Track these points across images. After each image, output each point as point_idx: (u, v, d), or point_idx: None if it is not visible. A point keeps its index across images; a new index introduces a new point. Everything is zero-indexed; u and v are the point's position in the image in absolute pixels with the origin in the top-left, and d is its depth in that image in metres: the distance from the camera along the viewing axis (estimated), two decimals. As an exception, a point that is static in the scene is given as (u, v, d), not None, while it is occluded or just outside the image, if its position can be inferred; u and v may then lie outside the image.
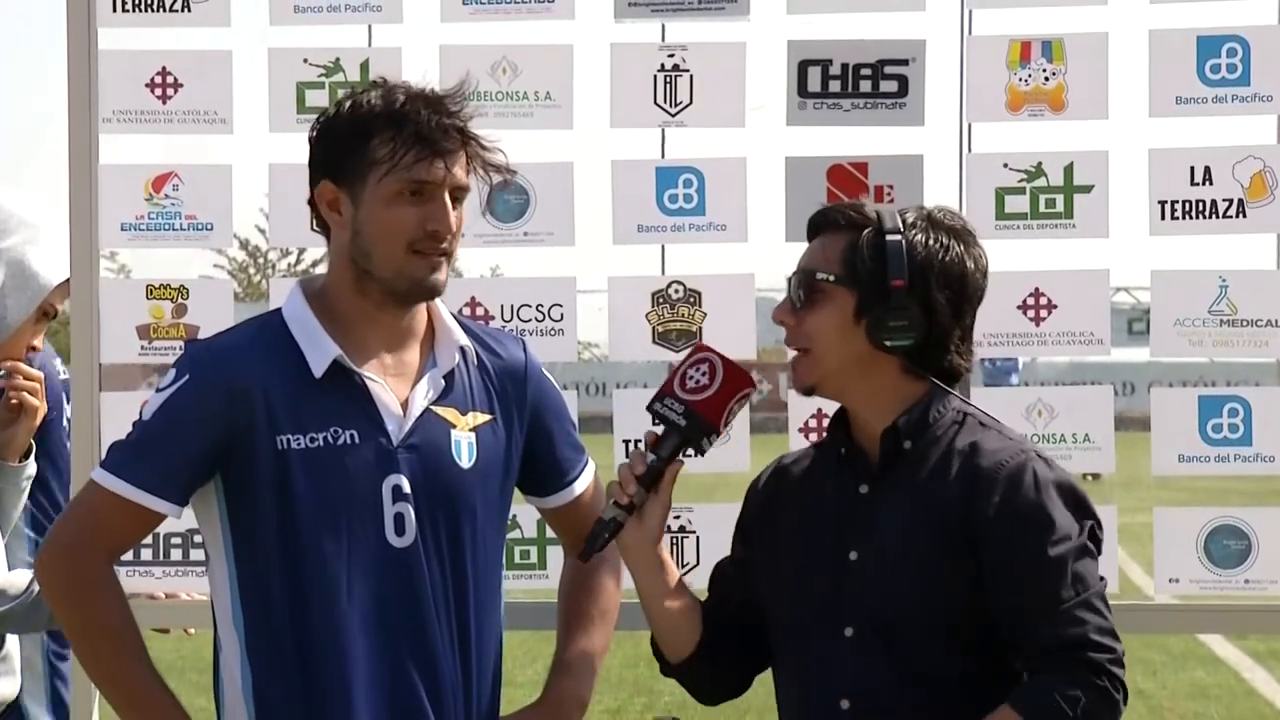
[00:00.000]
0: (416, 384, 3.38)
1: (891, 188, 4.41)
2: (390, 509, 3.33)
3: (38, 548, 4.07)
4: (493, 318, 4.48)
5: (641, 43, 4.48)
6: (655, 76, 4.46)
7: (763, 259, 4.67)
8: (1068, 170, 4.39)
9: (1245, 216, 4.36)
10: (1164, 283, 4.44)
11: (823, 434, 3.71)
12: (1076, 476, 3.39)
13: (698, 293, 4.50)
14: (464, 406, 3.41)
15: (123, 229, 4.55)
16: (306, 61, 4.52)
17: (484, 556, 3.41)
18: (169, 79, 4.53)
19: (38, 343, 4.26)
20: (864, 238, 3.30)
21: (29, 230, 4.22)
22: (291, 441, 3.30)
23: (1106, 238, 4.40)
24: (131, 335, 4.56)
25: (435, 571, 3.35)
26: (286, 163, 4.51)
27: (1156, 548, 4.48)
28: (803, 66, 4.44)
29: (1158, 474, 4.51)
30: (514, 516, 3.33)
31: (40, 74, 78.94)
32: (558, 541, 3.77)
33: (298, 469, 3.29)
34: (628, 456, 4.46)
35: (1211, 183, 4.36)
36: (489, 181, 3.43)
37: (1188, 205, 4.38)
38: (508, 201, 4.48)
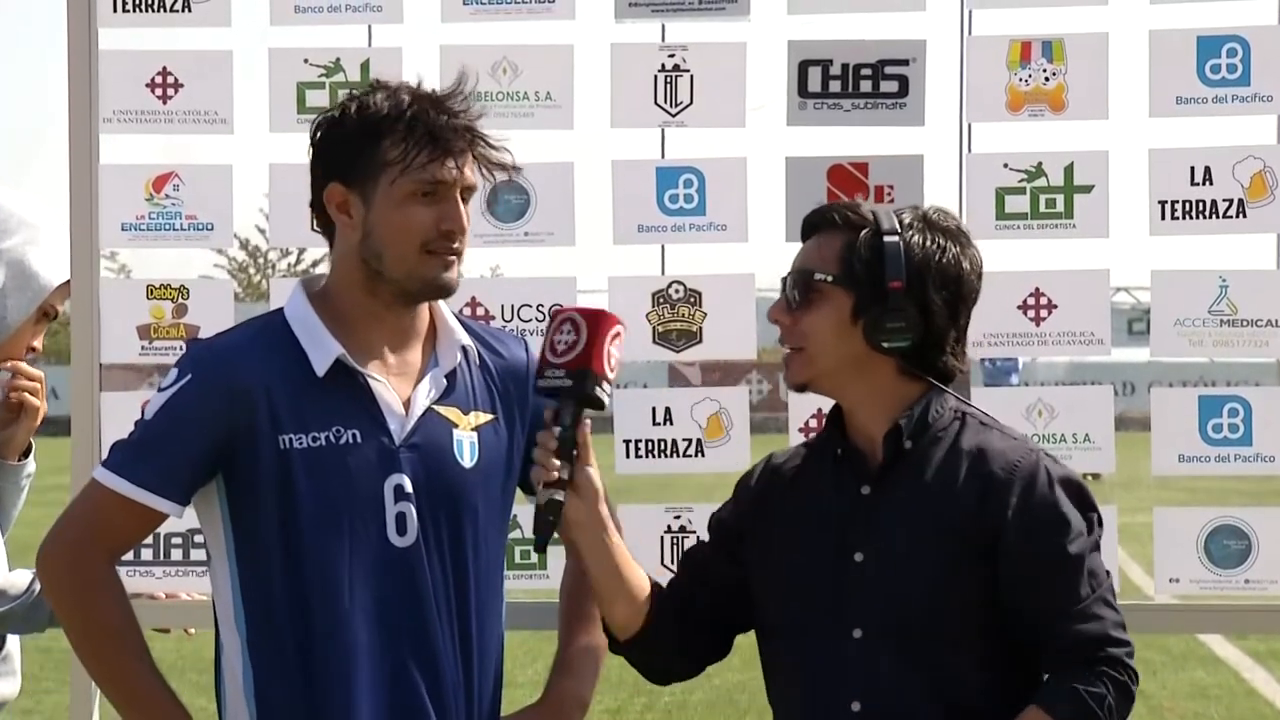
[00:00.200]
0: (419, 383, 3.38)
1: (892, 188, 4.41)
2: (392, 508, 3.33)
3: None
4: (493, 318, 4.48)
5: (642, 43, 4.48)
6: (655, 76, 4.46)
7: (763, 259, 4.66)
8: (1068, 170, 4.39)
9: (1245, 216, 4.36)
10: (1164, 283, 4.44)
11: (823, 433, 3.69)
12: (1077, 472, 3.40)
13: (698, 293, 4.50)
14: (466, 406, 3.41)
15: (123, 229, 4.55)
16: (307, 62, 4.52)
17: (486, 556, 3.41)
18: (169, 79, 4.53)
19: (38, 343, 4.26)
20: (862, 238, 3.30)
21: (29, 231, 4.21)
22: (293, 441, 3.30)
23: (1106, 238, 4.40)
24: (132, 335, 4.56)
25: (437, 571, 3.35)
26: (287, 163, 4.51)
27: (1156, 548, 4.48)
28: (803, 66, 4.44)
29: (1158, 474, 4.51)
30: (515, 516, 3.32)
31: (41, 74, 79.10)
32: (558, 541, 3.76)
33: (299, 468, 3.29)
34: (628, 456, 4.51)
35: (1211, 183, 4.36)
36: (493, 180, 3.43)
37: (1188, 205, 4.37)
38: (508, 201, 4.48)
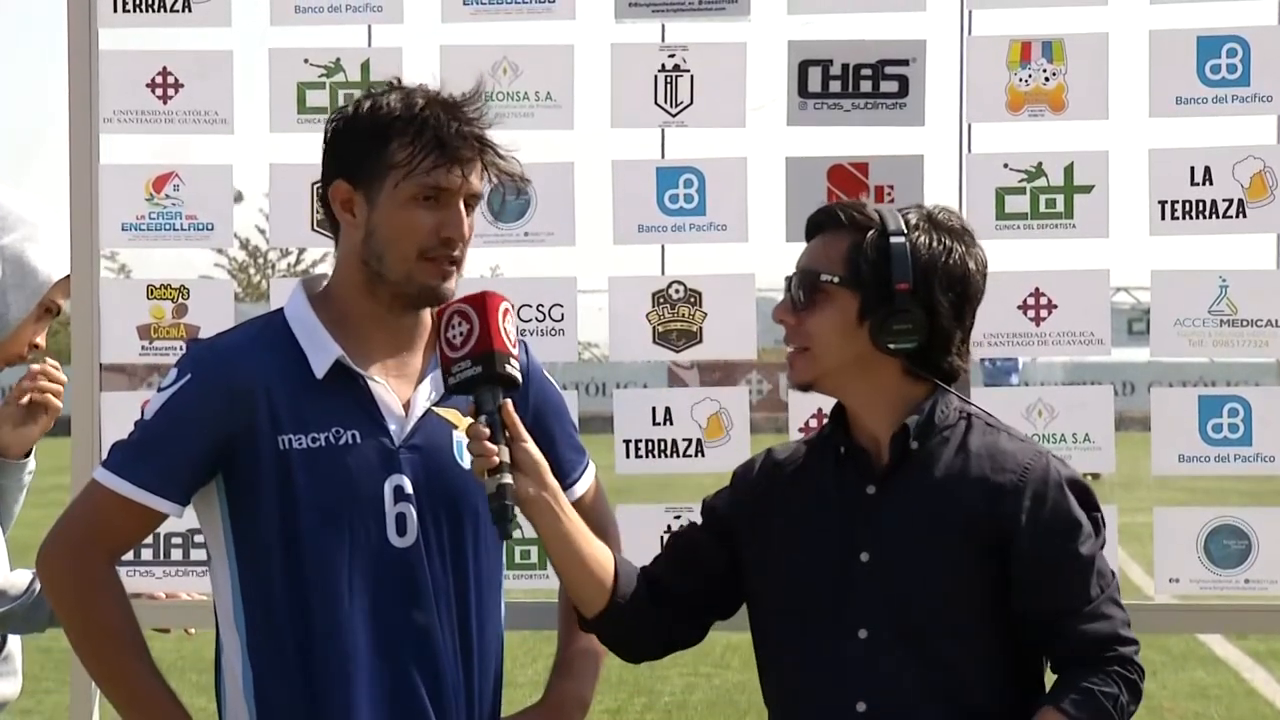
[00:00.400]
0: (419, 385, 3.38)
1: (892, 188, 4.41)
2: (392, 509, 3.33)
3: None
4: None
5: (642, 43, 4.48)
6: (656, 77, 4.46)
7: (763, 259, 4.67)
8: (1068, 170, 4.39)
9: (1245, 216, 4.36)
10: (1164, 283, 4.44)
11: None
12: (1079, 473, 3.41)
13: (698, 293, 4.50)
14: (466, 408, 3.40)
15: (123, 229, 4.55)
16: (307, 62, 4.51)
17: (485, 557, 3.41)
18: (169, 79, 4.53)
19: (40, 340, 4.25)
20: (868, 240, 3.29)
21: (28, 227, 4.21)
22: (293, 441, 3.30)
23: (1106, 238, 4.40)
24: (132, 335, 4.56)
25: (437, 572, 3.35)
26: (287, 163, 4.53)
27: (1156, 548, 4.48)
28: (803, 66, 4.44)
29: (1158, 474, 4.51)
30: (517, 518, 3.32)
31: (41, 74, 79.01)
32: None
33: (299, 469, 3.29)
34: (628, 457, 4.51)
35: (1211, 183, 4.36)
36: (502, 188, 3.42)
37: (1188, 205, 4.38)
38: (508, 202, 4.48)
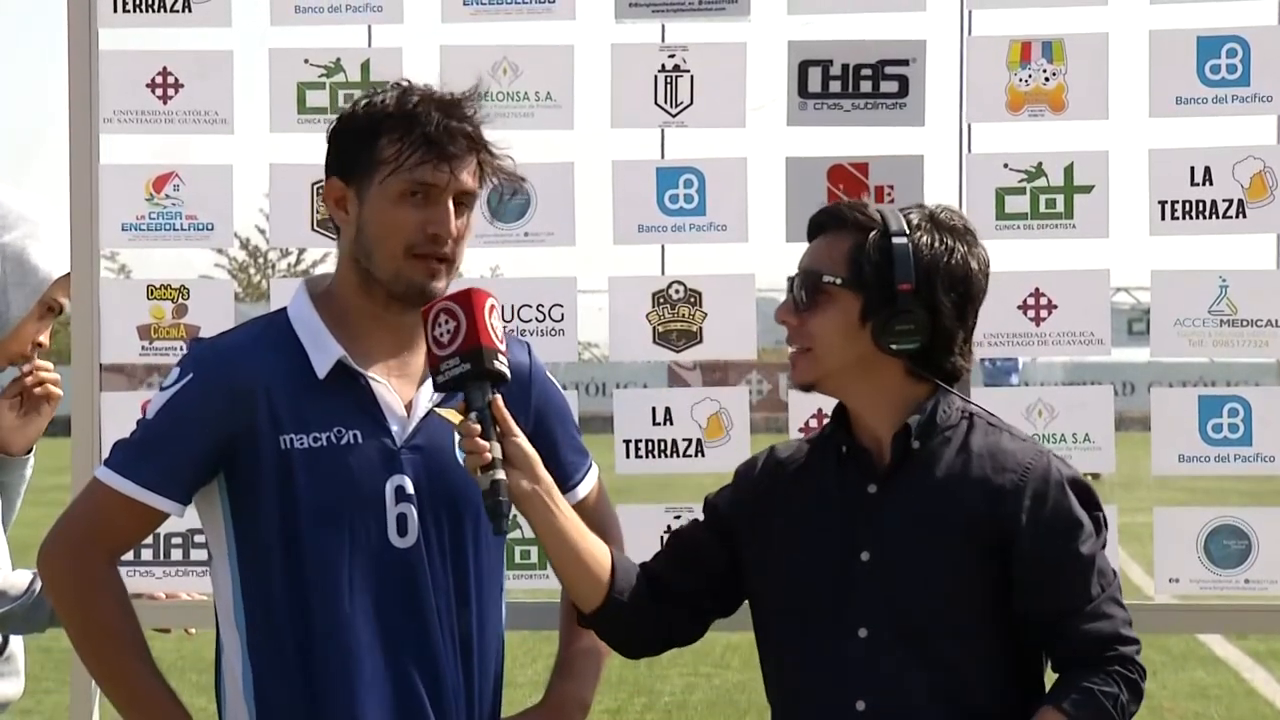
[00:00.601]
0: (421, 385, 3.37)
1: (892, 188, 4.41)
2: (393, 509, 3.33)
3: None
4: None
5: (642, 43, 4.48)
6: (656, 77, 4.46)
7: (763, 259, 4.67)
8: (1068, 170, 4.39)
9: (1245, 217, 4.36)
10: (1164, 283, 4.45)
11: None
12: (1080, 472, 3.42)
13: (698, 293, 4.50)
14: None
15: (123, 229, 4.55)
16: (307, 62, 4.51)
17: (486, 558, 3.41)
18: (170, 79, 4.53)
19: (44, 339, 4.26)
20: (870, 240, 3.28)
21: (29, 225, 4.21)
22: (294, 441, 3.30)
23: (1106, 238, 4.41)
24: (132, 335, 4.56)
25: (438, 572, 3.35)
26: (287, 163, 4.53)
27: (1156, 548, 4.48)
28: (803, 67, 4.44)
29: (1158, 474, 4.51)
30: (515, 517, 3.32)
31: (41, 74, 78.99)
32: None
33: (300, 469, 3.29)
34: (628, 457, 4.51)
35: (1211, 183, 4.36)
36: (499, 188, 3.42)
37: (1188, 205, 4.38)
38: (508, 202, 4.48)
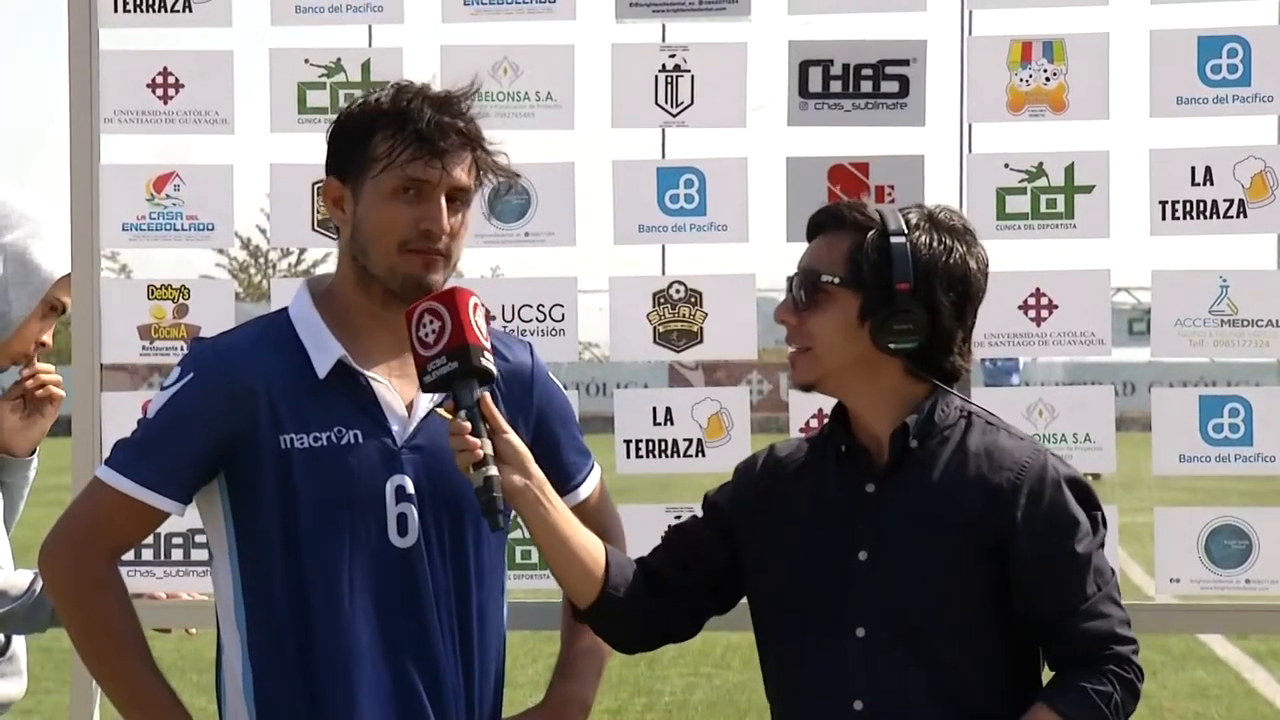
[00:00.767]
0: (421, 385, 3.38)
1: (892, 188, 4.41)
2: (393, 509, 3.32)
3: None
4: (493, 318, 4.46)
5: (642, 43, 4.48)
6: (656, 77, 4.46)
7: (764, 259, 4.67)
8: (1068, 170, 4.39)
9: (1246, 217, 4.37)
10: (1165, 283, 4.45)
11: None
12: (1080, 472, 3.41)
13: (699, 293, 4.50)
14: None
15: (124, 229, 4.55)
16: (308, 62, 4.52)
17: (487, 558, 3.41)
18: (170, 79, 4.54)
19: (47, 339, 4.26)
20: (869, 240, 3.29)
21: (31, 224, 4.22)
22: (295, 441, 3.30)
23: (1107, 238, 4.41)
24: (133, 335, 4.57)
25: (438, 572, 3.34)
26: (288, 163, 4.53)
27: (1157, 548, 4.48)
28: (804, 67, 4.44)
29: (1158, 474, 4.51)
30: (514, 517, 3.32)
31: (41, 74, 78.93)
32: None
33: (301, 468, 3.29)
34: (629, 457, 4.51)
35: (1212, 183, 4.37)
36: (494, 184, 3.42)
37: (1188, 205, 4.38)
38: (509, 202, 4.48)
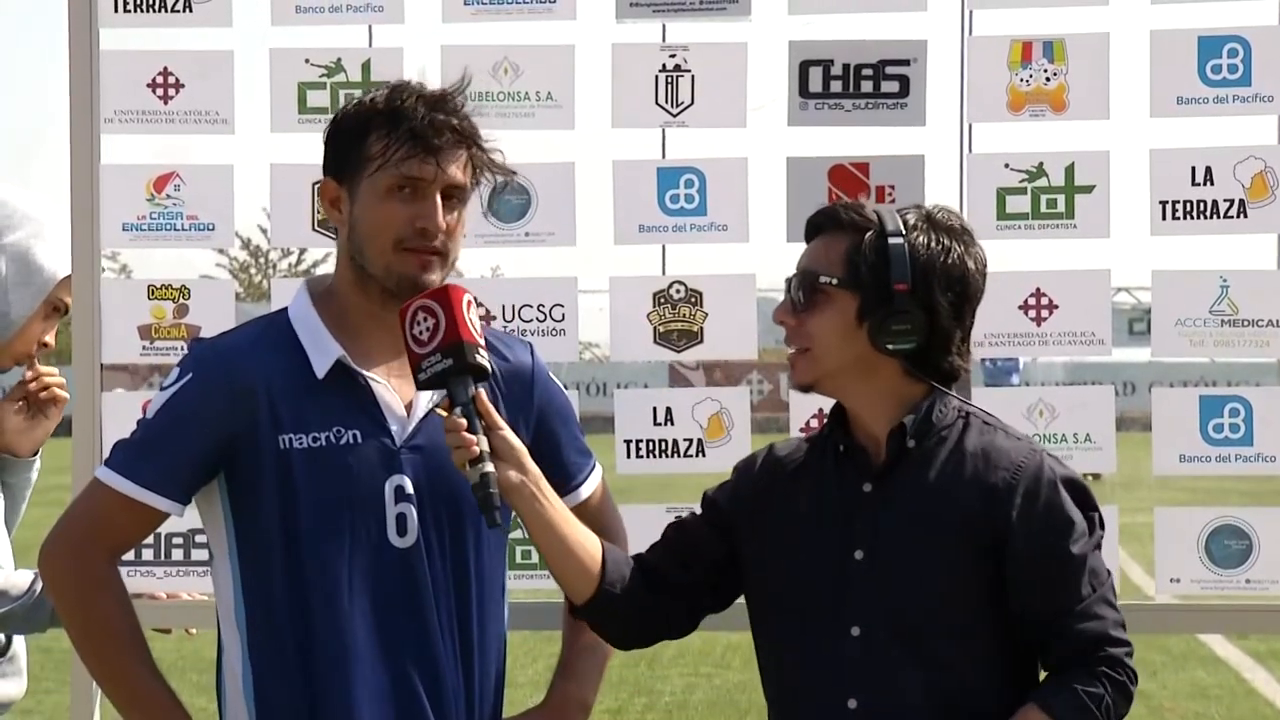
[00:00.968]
0: (421, 385, 3.37)
1: (893, 188, 4.41)
2: (392, 509, 3.32)
3: None
4: (494, 318, 4.48)
5: (643, 43, 4.48)
6: (657, 77, 4.46)
7: (764, 259, 4.67)
8: (1069, 170, 4.39)
9: (1246, 217, 4.37)
10: (1165, 283, 4.45)
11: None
12: (1078, 472, 3.41)
13: (699, 293, 4.50)
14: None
15: (124, 229, 4.55)
16: (308, 62, 4.52)
17: (487, 558, 3.41)
18: (170, 79, 4.54)
19: (50, 339, 4.26)
20: (867, 240, 3.29)
21: (34, 225, 4.22)
22: (294, 441, 3.30)
23: (1107, 238, 4.41)
24: (133, 335, 4.57)
25: (438, 572, 3.34)
26: (288, 163, 4.53)
27: (1157, 548, 4.48)
28: (804, 67, 4.44)
29: (1159, 474, 4.51)
30: (515, 517, 3.32)
31: (41, 74, 78.95)
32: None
33: (300, 468, 3.29)
34: (629, 457, 4.51)
35: (1212, 183, 4.37)
36: (491, 182, 3.42)
37: (1189, 205, 4.38)
38: (509, 201, 4.48)
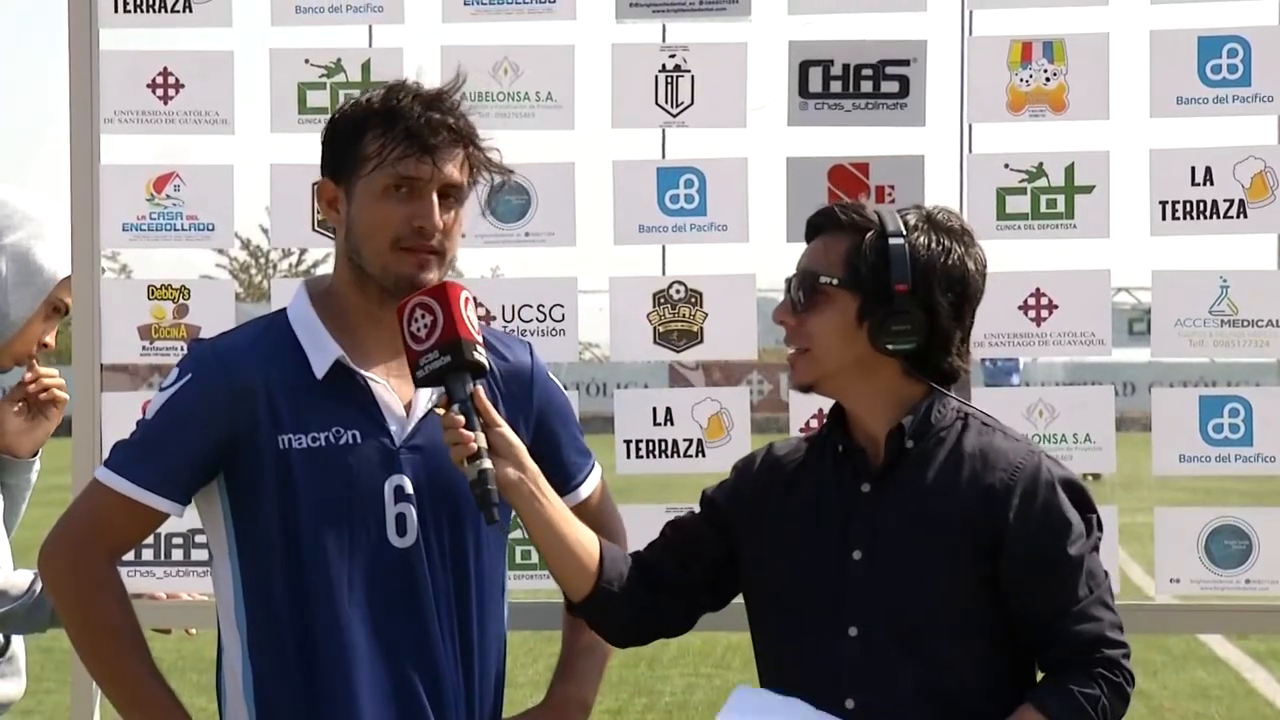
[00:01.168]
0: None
1: (892, 188, 4.41)
2: (392, 509, 3.32)
3: None
4: (493, 318, 4.48)
5: (643, 43, 4.49)
6: (656, 77, 4.46)
7: (764, 259, 4.67)
8: (1069, 170, 4.39)
9: (1246, 217, 4.37)
10: (1165, 283, 4.45)
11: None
12: (1076, 472, 3.41)
13: (699, 293, 4.50)
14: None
15: (124, 229, 4.55)
16: (308, 62, 4.52)
17: (487, 558, 3.41)
18: (170, 79, 4.54)
19: (50, 340, 4.26)
20: (867, 241, 3.29)
21: (34, 225, 4.22)
22: (293, 441, 3.30)
23: (1107, 238, 4.41)
24: (133, 335, 4.57)
25: (437, 572, 3.34)
26: (288, 163, 4.53)
27: (1157, 548, 4.48)
28: (804, 67, 4.44)
29: (1158, 474, 4.51)
30: (515, 516, 3.32)
31: (41, 74, 78.97)
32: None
33: (299, 468, 3.29)
34: (629, 457, 4.51)
35: (1212, 183, 4.37)
36: (489, 181, 3.42)
37: (1188, 205, 4.38)
38: (508, 202, 4.48)
